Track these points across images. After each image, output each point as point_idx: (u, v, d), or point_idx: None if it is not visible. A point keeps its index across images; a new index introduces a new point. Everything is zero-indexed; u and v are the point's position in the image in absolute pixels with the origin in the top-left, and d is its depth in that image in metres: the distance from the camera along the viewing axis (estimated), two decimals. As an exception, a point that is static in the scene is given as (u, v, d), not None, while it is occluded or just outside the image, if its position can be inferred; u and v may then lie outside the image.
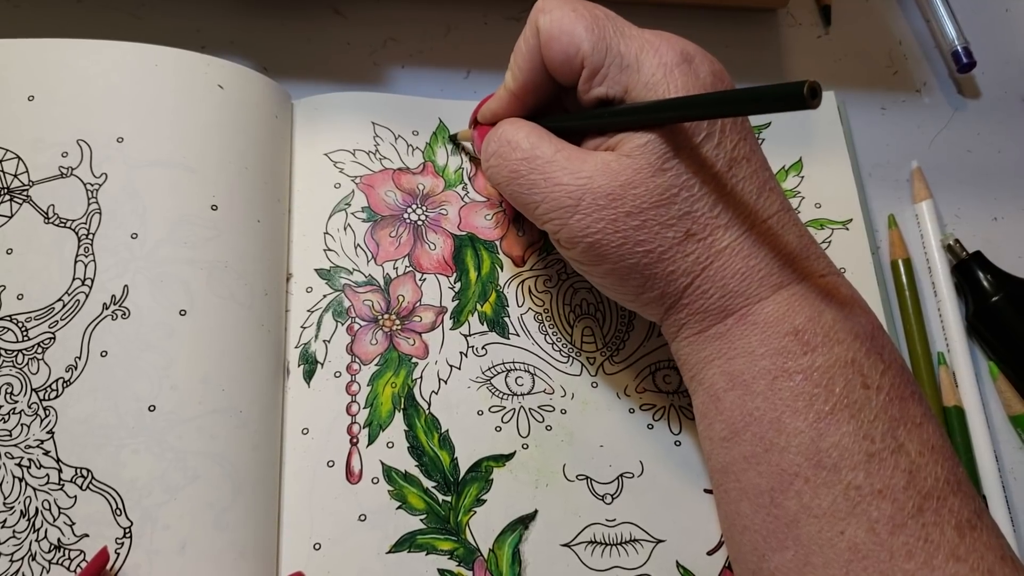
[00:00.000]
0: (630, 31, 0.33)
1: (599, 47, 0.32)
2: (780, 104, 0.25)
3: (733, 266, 0.32)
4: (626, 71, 0.32)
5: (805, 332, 0.31)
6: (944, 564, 0.28)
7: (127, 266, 0.37)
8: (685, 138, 0.32)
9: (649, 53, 0.32)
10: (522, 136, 0.35)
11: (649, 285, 0.33)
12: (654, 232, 0.32)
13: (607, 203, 0.32)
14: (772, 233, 0.32)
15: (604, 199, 0.32)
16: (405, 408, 0.38)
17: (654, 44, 0.32)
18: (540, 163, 0.33)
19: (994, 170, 0.49)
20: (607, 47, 0.32)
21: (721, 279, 0.32)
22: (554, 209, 0.33)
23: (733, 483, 0.32)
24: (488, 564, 0.36)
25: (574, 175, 0.32)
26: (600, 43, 0.32)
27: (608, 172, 0.32)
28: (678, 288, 0.33)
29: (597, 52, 0.32)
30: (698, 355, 0.33)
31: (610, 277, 0.34)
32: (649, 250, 0.32)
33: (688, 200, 0.31)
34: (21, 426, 0.35)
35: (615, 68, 0.32)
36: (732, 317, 0.32)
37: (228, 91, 0.41)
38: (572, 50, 0.33)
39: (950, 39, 0.50)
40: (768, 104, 0.26)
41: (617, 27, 0.33)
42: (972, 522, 0.29)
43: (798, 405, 0.30)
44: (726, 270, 0.32)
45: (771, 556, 0.31)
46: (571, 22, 0.33)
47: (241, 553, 0.34)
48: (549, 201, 0.33)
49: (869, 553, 0.28)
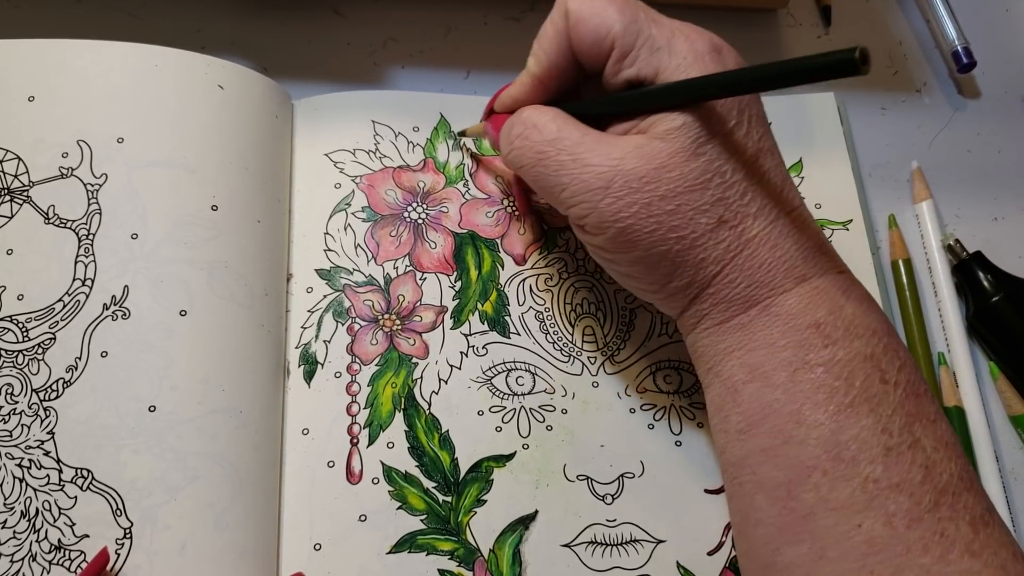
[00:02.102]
0: (660, 18, 0.33)
1: (631, 29, 0.32)
2: (832, 72, 0.25)
3: (761, 256, 0.32)
4: (657, 53, 0.32)
5: (827, 325, 0.31)
6: (959, 559, 0.28)
7: (127, 266, 0.37)
8: (718, 123, 0.31)
9: (680, 39, 0.32)
10: (548, 119, 0.34)
11: (679, 273, 0.33)
12: (688, 218, 0.31)
13: (640, 186, 0.31)
14: (796, 225, 0.32)
15: (637, 182, 0.31)
16: (405, 408, 0.38)
17: (684, 31, 0.33)
18: (568, 144, 0.33)
19: (994, 170, 0.49)
20: (639, 29, 0.32)
21: (749, 268, 0.32)
22: (582, 192, 0.32)
23: (748, 476, 0.32)
24: (488, 564, 0.36)
25: (605, 156, 0.32)
26: (632, 25, 0.32)
27: (641, 155, 0.31)
28: (707, 277, 0.32)
29: (629, 33, 0.32)
30: (717, 346, 0.33)
31: (639, 265, 0.33)
32: (682, 236, 0.32)
33: (720, 186, 0.31)
34: (21, 426, 0.35)
35: (646, 50, 0.32)
36: (755, 308, 0.32)
37: (228, 91, 0.41)
38: (603, 31, 0.33)
39: (950, 39, 0.50)
40: (820, 73, 0.26)
41: (648, 13, 0.33)
42: (985, 518, 0.29)
43: (819, 397, 0.30)
44: (754, 259, 0.32)
45: (785, 549, 0.30)
46: (602, 4, 0.33)
47: (241, 553, 0.34)
48: (578, 183, 0.32)
49: (885, 547, 0.28)
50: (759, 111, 0.33)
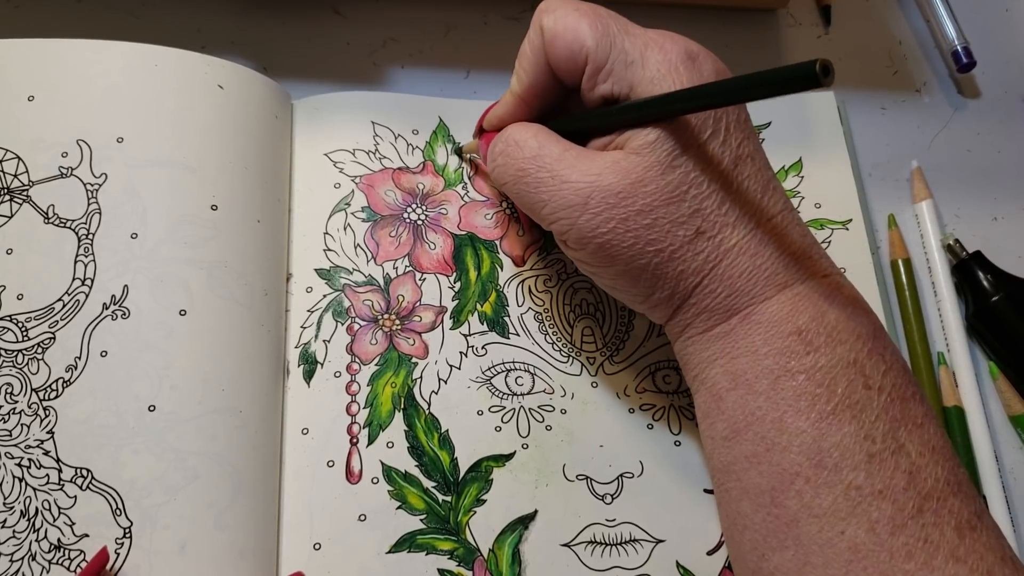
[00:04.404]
0: (634, 29, 0.33)
1: (603, 43, 0.32)
2: (793, 85, 0.25)
3: (740, 265, 0.32)
4: (631, 68, 0.32)
5: (808, 332, 0.31)
6: (944, 565, 0.28)
7: (127, 266, 0.37)
8: (692, 135, 0.31)
9: (654, 50, 0.32)
10: (529, 135, 0.35)
11: (660, 286, 0.33)
12: (665, 231, 0.32)
13: (617, 201, 0.32)
14: (777, 232, 0.32)
15: (614, 197, 0.32)
16: (405, 408, 0.38)
17: (658, 42, 0.32)
18: (548, 161, 0.33)
19: (994, 170, 0.49)
20: (611, 43, 0.32)
21: (729, 278, 0.32)
22: (561, 208, 0.33)
23: (734, 482, 0.32)
24: (488, 564, 0.36)
25: (582, 173, 0.32)
26: (604, 39, 0.33)
27: (617, 170, 0.32)
28: (687, 288, 0.32)
29: (601, 48, 0.32)
30: (701, 354, 0.33)
31: (621, 279, 0.34)
32: (660, 249, 0.32)
33: (697, 198, 0.31)
34: (21, 426, 0.35)
35: (620, 64, 0.32)
36: (736, 316, 0.32)
37: (228, 91, 0.41)
38: (576, 47, 0.33)
39: (950, 39, 0.50)
40: (780, 86, 0.26)
41: (621, 25, 0.33)
42: (972, 523, 0.29)
43: (800, 405, 0.30)
44: (734, 269, 0.32)
45: (771, 555, 0.31)
46: (575, 20, 0.33)
47: (241, 553, 0.34)
48: (557, 200, 0.33)
49: (869, 553, 0.28)
50: (739, 116, 0.33)
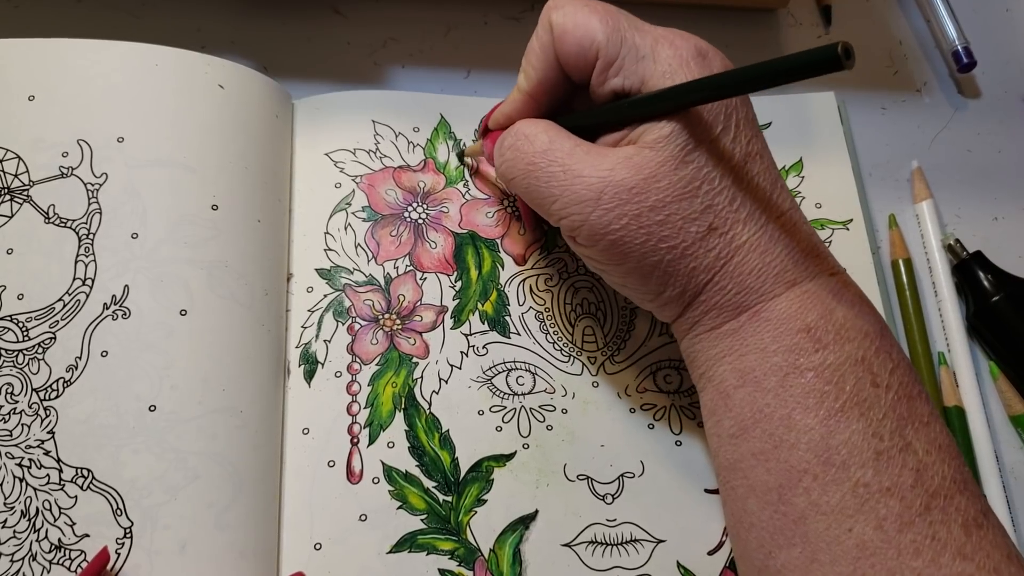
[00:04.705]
0: (643, 26, 0.33)
1: (614, 38, 0.32)
2: (815, 68, 0.25)
3: (751, 262, 0.32)
4: (642, 62, 0.32)
5: (817, 329, 0.31)
6: (951, 562, 0.28)
7: (127, 266, 0.37)
8: (705, 130, 0.31)
9: (664, 45, 0.32)
10: (540, 130, 0.34)
11: (671, 283, 0.33)
12: (678, 227, 0.31)
13: (630, 197, 0.31)
14: (786, 229, 0.32)
15: (627, 193, 0.31)
16: (406, 408, 0.38)
17: (668, 38, 0.33)
18: (559, 155, 0.33)
19: (994, 170, 0.49)
20: (622, 38, 0.32)
21: (739, 275, 0.32)
22: (573, 203, 0.32)
23: (740, 480, 0.32)
24: (489, 564, 0.36)
25: (595, 168, 0.32)
26: (615, 34, 0.32)
27: (630, 165, 0.31)
28: (698, 285, 0.32)
29: (612, 43, 0.32)
30: (709, 352, 0.33)
31: (632, 277, 0.33)
32: (673, 246, 0.32)
33: (709, 193, 0.31)
34: (21, 426, 0.35)
35: (631, 59, 0.32)
36: (746, 314, 0.32)
37: (228, 91, 0.41)
38: (587, 42, 0.33)
39: (950, 39, 0.50)
40: (804, 71, 0.26)
41: (630, 21, 0.33)
42: (979, 521, 0.29)
43: (809, 402, 0.30)
44: (744, 266, 0.32)
45: (778, 553, 0.30)
46: (585, 15, 0.33)
47: (241, 553, 0.34)
48: (568, 195, 0.32)
49: (876, 551, 0.28)
50: (748, 114, 0.33)
